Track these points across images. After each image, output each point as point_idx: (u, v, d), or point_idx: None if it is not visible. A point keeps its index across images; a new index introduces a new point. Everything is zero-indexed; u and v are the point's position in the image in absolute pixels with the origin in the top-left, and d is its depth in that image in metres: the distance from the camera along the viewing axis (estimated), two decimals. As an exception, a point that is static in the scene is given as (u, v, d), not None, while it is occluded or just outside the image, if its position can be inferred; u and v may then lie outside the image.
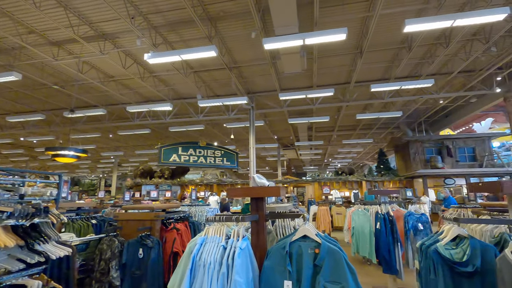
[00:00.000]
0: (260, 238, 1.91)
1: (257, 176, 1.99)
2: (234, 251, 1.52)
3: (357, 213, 4.16)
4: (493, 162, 14.45)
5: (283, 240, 1.73)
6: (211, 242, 1.62)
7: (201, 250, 1.57)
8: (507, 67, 10.61)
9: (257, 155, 30.61)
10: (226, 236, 1.70)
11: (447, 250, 1.74)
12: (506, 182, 1.53)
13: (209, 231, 1.70)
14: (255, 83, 12.58)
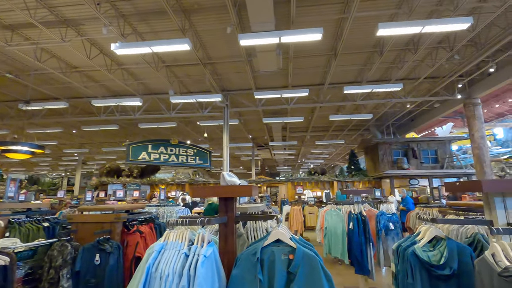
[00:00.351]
0: (229, 243, 1.72)
1: (227, 173, 1.80)
2: (197, 260, 1.31)
3: (330, 213, 4.11)
4: (452, 164, 15.42)
5: (254, 245, 1.55)
6: (171, 249, 1.39)
7: (159, 259, 1.35)
8: (467, 75, 11.33)
9: (231, 155, 30.30)
10: (189, 241, 1.49)
11: (424, 253, 1.66)
12: (485, 181, 1.47)
13: (169, 236, 1.48)
14: (230, 81, 12.34)
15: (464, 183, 1.63)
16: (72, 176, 37.92)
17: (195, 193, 1.73)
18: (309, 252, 1.44)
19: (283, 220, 9.14)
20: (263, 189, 33.14)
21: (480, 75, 11.22)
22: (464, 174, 14.14)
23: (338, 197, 10.38)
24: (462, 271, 1.62)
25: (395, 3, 7.50)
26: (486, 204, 1.68)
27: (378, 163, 16.22)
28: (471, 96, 11.81)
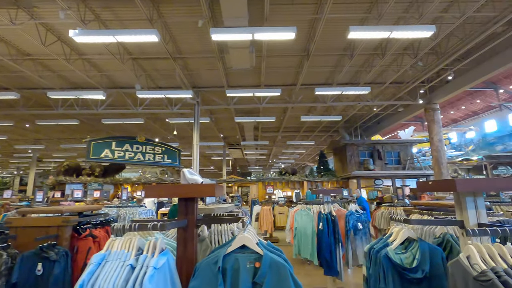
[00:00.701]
0: (188, 250, 1.51)
1: (187, 171, 1.59)
2: (145, 272, 1.10)
3: (300, 213, 4.03)
4: (413, 165, 16.35)
5: (215, 252, 1.37)
6: (113, 261, 1.16)
7: (97, 274, 1.11)
8: (428, 81, 12.03)
9: (202, 154, 29.67)
10: (139, 250, 1.26)
11: (397, 255, 1.59)
12: (459, 181, 1.42)
13: (113, 244, 1.24)
14: (201, 77, 11.97)
15: (437, 182, 1.57)
16: (25, 175, 34.77)
17: (148, 193, 1.50)
18: (278, 259, 1.28)
19: (252, 222, 9.01)
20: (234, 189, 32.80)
21: (440, 82, 11.98)
22: (423, 175, 15.04)
23: (308, 197, 10.50)
24: (434, 273, 1.57)
25: (365, 7, 7.70)
26: (458, 203, 1.64)
27: (346, 163, 16.73)
28: (431, 102, 12.57)
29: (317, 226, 3.72)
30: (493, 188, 1.42)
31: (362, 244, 3.65)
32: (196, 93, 12.72)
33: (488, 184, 1.41)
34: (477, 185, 1.40)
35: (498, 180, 1.41)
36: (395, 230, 1.76)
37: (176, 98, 13.02)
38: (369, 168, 15.53)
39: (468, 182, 1.41)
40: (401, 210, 5.92)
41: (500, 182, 1.41)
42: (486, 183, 1.41)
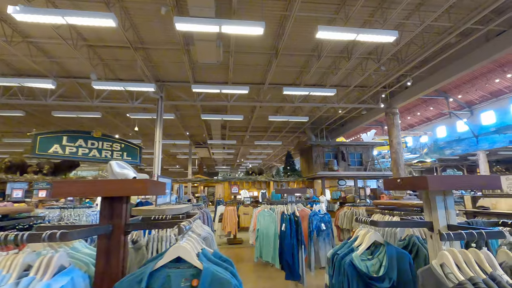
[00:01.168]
0: (112, 264, 1.18)
1: (116, 163, 1.26)
2: (25, 304, 0.76)
3: (263, 214, 3.81)
4: (374, 166, 17.12)
5: (142, 268, 1.06)
6: (-19, 287, 0.81)
7: None
8: (389, 86, 12.60)
9: (167, 152, 28.49)
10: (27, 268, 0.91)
11: (363, 262, 1.40)
12: (431, 177, 1.27)
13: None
14: (166, 71, 11.33)
15: (408, 180, 1.42)
16: (-40, 172, 30.70)
17: (57, 191, 1.14)
18: (222, 275, 1.01)
19: (216, 220, 8.65)
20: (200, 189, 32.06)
21: (399, 88, 12.61)
22: (383, 176, 15.78)
23: (274, 197, 10.39)
24: (401, 280, 1.41)
25: (333, 8, 7.75)
26: (426, 203, 1.49)
27: (311, 164, 17.03)
28: (391, 106, 13.19)
29: (280, 227, 3.52)
30: (468, 185, 1.28)
31: (325, 246, 3.52)
32: (160, 87, 12.03)
33: (462, 181, 1.27)
34: (451, 182, 1.26)
35: (472, 177, 1.28)
36: (361, 233, 1.58)
37: (137, 92, 12.20)
38: (333, 168, 15.93)
39: (442, 179, 1.26)
40: (363, 210, 6.00)
41: (474, 179, 1.28)
42: (461, 180, 1.27)
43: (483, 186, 1.28)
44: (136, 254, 1.56)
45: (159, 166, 11.60)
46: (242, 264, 6.02)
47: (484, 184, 1.27)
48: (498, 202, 4.47)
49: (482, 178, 1.29)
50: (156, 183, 1.23)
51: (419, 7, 7.69)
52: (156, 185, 1.23)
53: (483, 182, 1.28)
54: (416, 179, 1.33)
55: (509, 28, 7.93)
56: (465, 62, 9.55)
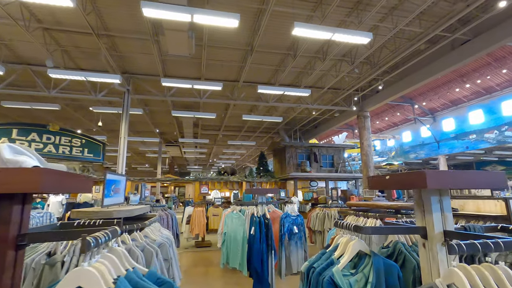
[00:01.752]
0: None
1: (8, 146, 0.87)
2: None
3: (231, 216, 3.48)
4: (344, 168, 17.46)
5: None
6: None
7: None
8: (362, 90, 12.84)
9: (135, 150, 27.12)
10: None
11: (345, 278, 1.13)
12: (430, 173, 1.02)
13: None
14: (133, 62, 10.59)
15: (398, 176, 1.17)
16: None
17: None
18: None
19: (183, 221, 8.15)
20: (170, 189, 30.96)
21: (371, 91, 12.90)
22: (353, 177, 16.12)
23: (246, 198, 10.08)
24: (388, 298, 1.15)
25: (310, 6, 7.63)
26: (419, 205, 1.25)
27: (284, 165, 16.97)
28: (363, 109, 13.47)
29: (249, 230, 3.21)
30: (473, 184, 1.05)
31: (297, 250, 3.27)
32: (127, 80, 11.24)
33: (469, 178, 1.03)
34: (458, 179, 1.01)
35: (478, 174, 1.05)
36: (342, 241, 1.31)
37: (101, 83, 11.30)
38: (306, 170, 15.98)
39: (444, 176, 1.01)
40: (335, 211, 5.88)
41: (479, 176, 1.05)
42: (468, 177, 1.03)
43: (489, 184, 1.06)
44: (50, 272, 1.16)
45: (123, 164, 10.81)
46: (210, 268, 5.64)
47: (491, 182, 1.05)
48: (466, 203, 4.54)
49: (488, 175, 1.07)
50: (63, 176, 0.85)
51: (393, 11, 7.81)
52: (62, 178, 0.85)
53: (489, 179, 1.06)
54: (410, 176, 1.07)
55: (474, 37, 8.32)
56: (432, 69, 9.94)
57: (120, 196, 2.90)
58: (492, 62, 15.34)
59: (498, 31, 7.75)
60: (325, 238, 5.90)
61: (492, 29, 7.86)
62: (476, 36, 8.28)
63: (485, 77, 16.46)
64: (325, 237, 5.92)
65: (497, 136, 17.93)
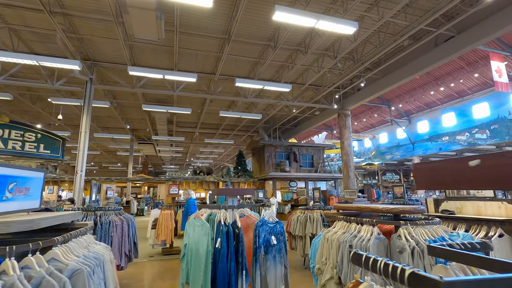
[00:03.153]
0: None
1: None
2: None
3: (193, 223, 2.74)
4: (324, 168, 17.15)
5: None
6: None
7: None
8: (343, 87, 12.50)
9: (105, 148, 25.41)
10: None
11: None
12: None
13: None
14: (96, 47, 9.49)
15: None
16: None
17: None
18: None
19: (149, 226, 7.25)
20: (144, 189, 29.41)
21: (352, 89, 12.59)
22: (333, 177, 15.82)
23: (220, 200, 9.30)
24: None
25: (293, -9, 7.05)
26: None
27: (263, 164, 16.37)
28: (344, 108, 13.15)
29: (215, 242, 2.49)
30: None
31: (275, 266, 2.60)
32: (89, 68, 10.09)
33: None
34: None
35: None
36: None
37: (59, 71, 10.06)
38: (285, 169, 15.46)
39: None
40: (318, 214, 5.30)
41: None
42: None
43: None
44: None
45: (84, 162, 9.66)
46: (176, 281, 4.82)
47: None
48: (463, 205, 4.07)
49: None
50: None
51: (379, 2, 7.40)
52: None
53: None
54: None
55: (458, 34, 8.13)
56: (414, 67, 9.72)
57: (32, 200, 2.07)
58: (465, 66, 15.68)
59: (482, 27, 7.58)
60: (306, 244, 5.29)
61: (477, 25, 7.68)
62: (460, 33, 8.08)
63: (458, 81, 16.84)
64: (307, 243, 5.32)
65: (468, 138, 18.45)
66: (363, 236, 2.60)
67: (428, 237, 2.39)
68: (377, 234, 2.56)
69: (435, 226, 2.50)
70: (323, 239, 2.95)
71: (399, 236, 2.46)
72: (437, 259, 2.23)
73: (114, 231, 4.18)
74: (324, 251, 2.91)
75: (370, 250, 2.44)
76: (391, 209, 2.66)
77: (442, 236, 2.40)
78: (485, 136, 17.51)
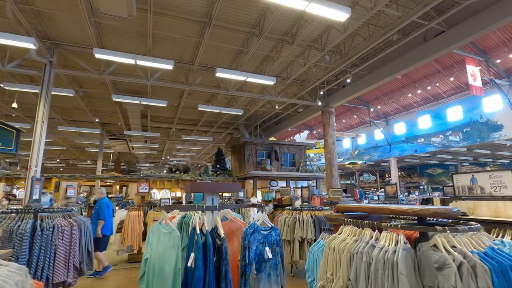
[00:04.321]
0: None
1: None
2: None
3: (157, 230, 2.00)
4: (305, 167, 16.75)
5: None
6: None
7: None
8: (328, 83, 12.10)
9: (72, 143, 23.49)
10: None
11: None
12: None
13: None
14: (57, 25, 8.32)
15: None
16: None
17: None
18: None
19: (114, 230, 6.31)
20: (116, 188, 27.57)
21: (337, 85, 12.23)
22: (315, 177, 15.45)
23: (197, 199, 8.48)
24: None
25: (282, -30, 6.40)
26: None
27: (243, 163, 15.67)
28: (328, 105, 12.77)
29: (186, 258, 1.77)
30: None
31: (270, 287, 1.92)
32: (49, 49, 8.87)
33: None
34: None
35: None
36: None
37: (12, 50, 8.76)
38: (266, 168, 14.87)
39: None
40: (308, 215, 4.69)
41: None
42: None
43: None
44: None
45: (39, 156, 8.45)
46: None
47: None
48: (477, 206, 3.60)
49: None
50: None
51: (371, -11, 6.97)
52: None
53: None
54: None
55: (448, 29, 7.91)
56: (402, 63, 9.47)
57: None
58: (441, 70, 15.96)
59: (473, 22, 7.40)
60: (295, 249, 4.65)
61: (468, 20, 7.48)
62: (450, 28, 7.87)
63: (435, 84, 17.16)
64: (295, 248, 4.68)
65: (442, 140, 18.90)
66: (385, 246, 1.98)
67: (474, 247, 1.81)
68: (404, 243, 1.96)
69: (478, 233, 1.94)
70: (327, 248, 2.31)
71: (434, 247, 1.86)
72: (495, 279, 1.65)
73: (60, 239, 3.30)
74: (330, 265, 2.28)
75: (400, 265, 1.83)
76: (419, 211, 2.05)
77: (491, 247, 1.84)
78: (458, 139, 17.98)
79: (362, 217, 2.81)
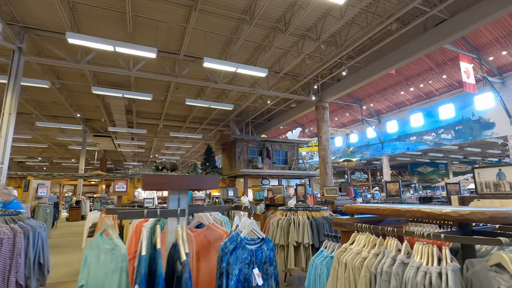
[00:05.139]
0: None
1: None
2: None
3: (97, 245, 1.38)
4: (298, 165, 16.26)
5: None
6: None
7: None
8: (322, 77, 11.58)
9: (53, 140, 22.35)
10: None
11: None
12: None
13: None
14: (26, 7, 7.51)
15: None
16: None
17: None
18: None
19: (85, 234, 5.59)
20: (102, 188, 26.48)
21: (331, 79, 11.72)
22: (308, 175, 14.97)
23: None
24: None
25: None
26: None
27: (234, 161, 15.06)
28: (322, 100, 12.26)
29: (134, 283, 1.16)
30: None
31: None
32: (18, 34, 8.03)
33: None
34: None
35: None
36: None
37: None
38: (257, 166, 14.29)
39: None
40: (304, 216, 4.12)
41: None
42: None
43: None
44: None
45: (6, 151, 7.62)
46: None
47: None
48: (505, 205, 3.09)
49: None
50: None
51: (371, -29, 6.44)
52: None
53: None
54: None
55: (450, 17, 7.46)
56: (400, 54, 9.02)
57: None
58: (434, 68, 15.71)
59: (476, 9, 6.96)
60: (290, 256, 4.08)
61: (471, 7, 7.05)
62: (453, 16, 7.42)
63: (427, 82, 16.93)
64: (290, 254, 4.10)
65: (434, 138, 18.71)
66: (422, 264, 1.39)
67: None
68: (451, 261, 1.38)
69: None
70: (336, 264, 1.72)
71: (497, 267, 1.30)
72: None
73: (-1, 249, 2.63)
74: (340, 285, 1.70)
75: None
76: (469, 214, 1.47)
77: None
78: (450, 137, 17.81)
79: (374, 220, 2.23)
